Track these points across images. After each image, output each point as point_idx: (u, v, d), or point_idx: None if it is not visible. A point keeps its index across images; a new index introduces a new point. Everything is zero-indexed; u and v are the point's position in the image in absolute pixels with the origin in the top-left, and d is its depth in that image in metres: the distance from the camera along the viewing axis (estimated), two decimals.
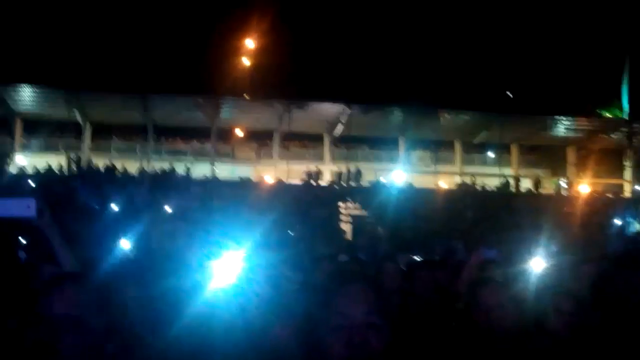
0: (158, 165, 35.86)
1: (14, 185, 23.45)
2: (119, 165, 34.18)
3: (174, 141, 43.05)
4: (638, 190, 38.07)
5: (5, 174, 27.36)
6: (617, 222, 24.83)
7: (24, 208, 2.93)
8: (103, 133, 41.98)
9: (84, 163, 34.97)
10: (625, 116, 42.15)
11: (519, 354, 2.95)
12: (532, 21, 53.37)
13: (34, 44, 46.82)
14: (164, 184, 32.29)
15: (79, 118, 38.04)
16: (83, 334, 1.85)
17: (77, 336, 1.84)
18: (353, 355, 1.84)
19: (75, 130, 39.52)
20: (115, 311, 1.98)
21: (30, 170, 31.50)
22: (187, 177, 33.51)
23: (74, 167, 34.47)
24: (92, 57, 47.78)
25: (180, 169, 34.36)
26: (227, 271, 2.74)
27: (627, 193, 38.82)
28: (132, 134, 42.00)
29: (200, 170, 35.74)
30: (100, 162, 34.96)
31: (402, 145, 41.87)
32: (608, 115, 46.77)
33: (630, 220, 26.25)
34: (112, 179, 32.40)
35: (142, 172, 34.01)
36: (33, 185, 26.25)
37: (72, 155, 35.69)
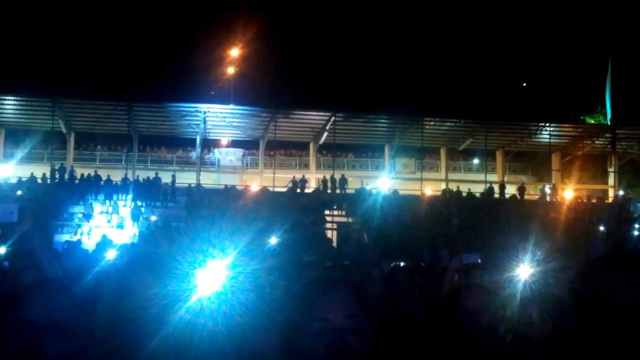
0: (143, 174, 35.64)
1: None
2: (103, 174, 33.91)
3: (159, 150, 42.94)
4: (621, 195, 38.33)
5: None
6: (601, 227, 25.06)
7: (7, 214, 2.95)
8: (87, 142, 41.83)
9: (68, 172, 34.64)
10: (608, 122, 42.53)
11: (499, 357, 2.97)
12: (516, 29, 53.83)
13: (18, 53, 46.64)
14: (149, 193, 32.15)
15: (63, 128, 37.80)
16: (66, 338, 1.85)
17: (60, 341, 1.84)
18: (334, 359, 1.87)
19: (59, 140, 39.27)
20: (99, 317, 1.98)
21: (14, 180, 31.20)
22: (172, 186, 33.32)
23: (57, 176, 34.14)
24: (76, 66, 47.69)
25: (165, 178, 34.13)
26: (212, 279, 2.75)
27: (611, 198, 39.05)
28: (117, 144, 41.80)
29: (186, 179, 35.61)
30: (85, 172, 34.71)
31: (387, 152, 42.02)
32: (591, 121, 47.28)
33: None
34: (96, 188, 32.22)
35: (127, 181, 33.79)
36: (17, 194, 26.08)
37: (56, 165, 35.36)
